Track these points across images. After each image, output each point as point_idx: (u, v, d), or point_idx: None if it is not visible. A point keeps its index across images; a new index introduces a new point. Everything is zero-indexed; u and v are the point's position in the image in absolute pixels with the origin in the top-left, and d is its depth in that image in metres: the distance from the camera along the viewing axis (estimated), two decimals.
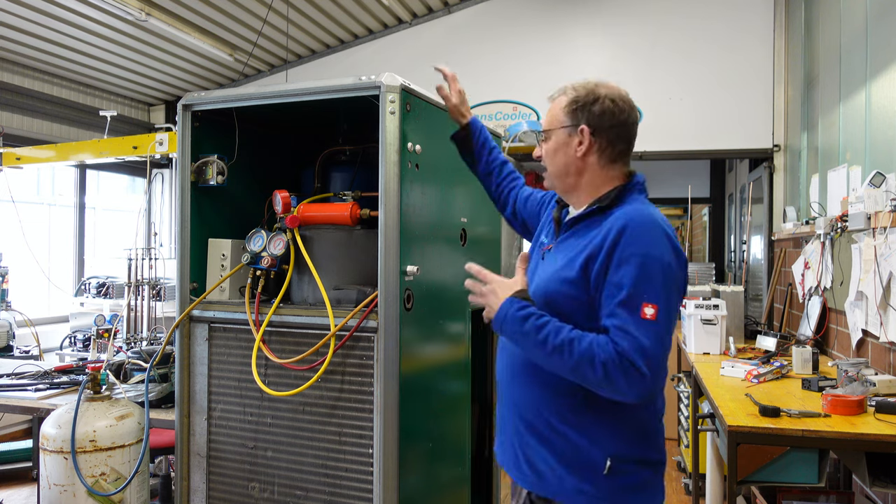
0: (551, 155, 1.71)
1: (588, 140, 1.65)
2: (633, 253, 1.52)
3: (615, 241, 1.54)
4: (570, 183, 1.70)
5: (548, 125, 1.72)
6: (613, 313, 1.51)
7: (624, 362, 1.46)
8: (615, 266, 1.53)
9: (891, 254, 2.88)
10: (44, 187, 6.40)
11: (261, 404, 2.23)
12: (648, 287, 1.50)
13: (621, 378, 1.47)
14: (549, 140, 1.71)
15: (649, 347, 1.47)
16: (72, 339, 5.07)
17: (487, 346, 2.84)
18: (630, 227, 1.54)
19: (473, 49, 6.68)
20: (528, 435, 1.66)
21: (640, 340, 1.47)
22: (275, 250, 2.26)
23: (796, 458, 2.35)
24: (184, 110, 2.34)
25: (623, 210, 1.60)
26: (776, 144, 5.85)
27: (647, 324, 1.48)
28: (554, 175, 1.72)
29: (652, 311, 1.49)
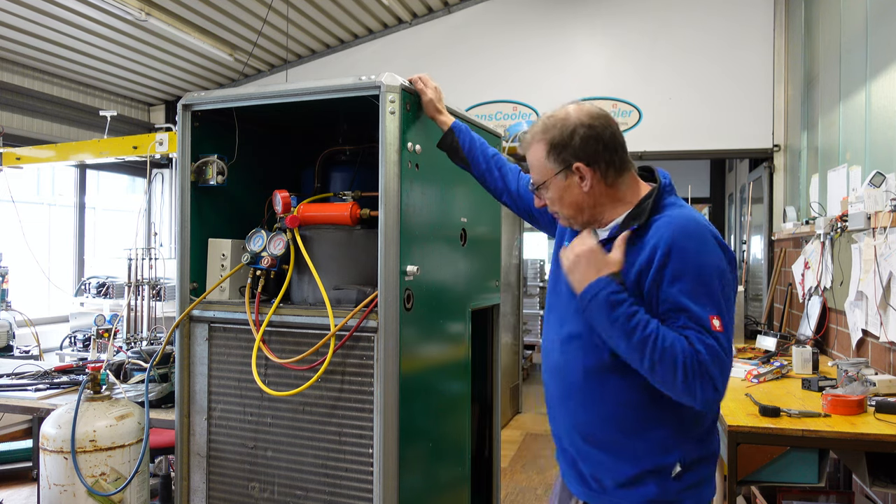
0: (558, 201, 1.66)
1: (588, 173, 1.61)
2: (687, 267, 1.51)
3: (666, 254, 1.52)
4: (588, 216, 1.67)
5: (539, 178, 1.66)
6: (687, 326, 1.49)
7: (704, 371, 1.46)
8: (669, 281, 1.51)
9: (891, 254, 2.88)
10: (44, 187, 6.40)
11: (261, 404, 2.23)
12: (707, 300, 1.50)
13: (698, 387, 1.47)
14: (549, 189, 1.66)
15: (725, 360, 1.48)
16: (72, 339, 5.07)
17: (487, 346, 2.84)
18: (677, 238, 1.52)
19: (473, 49, 6.68)
20: (592, 450, 1.65)
21: (715, 350, 1.47)
22: (275, 250, 2.26)
23: (796, 458, 2.35)
24: (184, 110, 2.34)
25: (664, 219, 1.58)
26: (776, 144, 5.85)
27: (717, 335, 1.48)
28: (570, 217, 1.68)
29: (717, 322, 1.49)
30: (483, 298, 2.63)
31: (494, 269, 2.78)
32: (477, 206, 2.58)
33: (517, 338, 6.53)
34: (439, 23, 6.84)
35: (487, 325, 2.83)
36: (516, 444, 5.49)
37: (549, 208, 1.70)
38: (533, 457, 5.20)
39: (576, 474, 1.71)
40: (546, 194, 1.67)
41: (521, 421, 6.26)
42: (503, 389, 5.86)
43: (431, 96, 2.11)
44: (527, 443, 5.56)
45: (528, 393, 7.25)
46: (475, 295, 2.56)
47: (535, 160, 1.66)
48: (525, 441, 5.61)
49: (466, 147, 2.10)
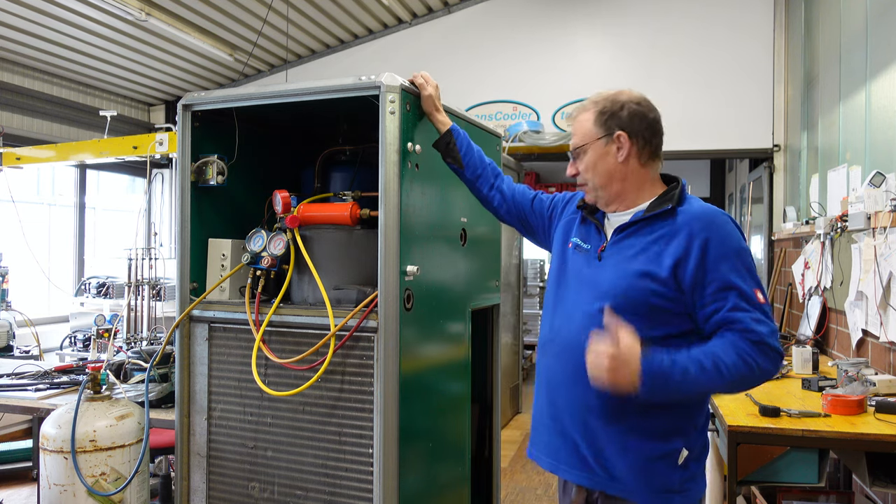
0: (592, 167, 1.74)
1: (627, 144, 1.71)
2: (727, 252, 1.62)
3: (705, 242, 1.62)
4: (616, 190, 1.74)
5: (581, 140, 1.76)
6: (738, 306, 1.59)
7: (763, 348, 1.58)
8: (713, 266, 1.61)
9: (891, 254, 2.88)
10: (44, 187, 6.40)
11: (261, 404, 2.23)
12: (749, 276, 1.62)
13: (767, 362, 1.59)
14: (586, 154, 1.75)
15: (774, 326, 1.62)
16: (72, 339, 5.07)
17: (487, 346, 2.84)
18: (714, 226, 1.64)
19: (473, 49, 6.68)
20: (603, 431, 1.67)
21: (767, 324, 1.60)
22: (275, 250, 2.26)
23: (796, 458, 2.36)
24: (184, 110, 2.34)
25: (693, 210, 1.68)
26: (776, 144, 5.85)
27: (764, 307, 1.61)
28: (599, 186, 1.75)
29: (761, 295, 1.62)
30: (483, 298, 2.63)
31: (494, 269, 2.78)
32: (477, 206, 2.58)
33: (517, 338, 6.53)
34: (439, 23, 6.84)
35: (487, 325, 2.83)
36: (516, 444, 5.49)
37: (580, 178, 1.77)
38: None
39: (577, 460, 1.71)
40: (583, 159, 1.75)
41: (521, 421, 6.26)
42: (503, 389, 5.86)
43: (431, 92, 2.10)
44: (527, 443, 5.56)
45: (528, 393, 7.24)
46: (475, 295, 2.56)
47: (580, 126, 1.76)
48: (525, 441, 5.60)
49: (463, 149, 2.11)
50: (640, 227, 1.71)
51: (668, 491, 1.64)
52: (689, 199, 1.73)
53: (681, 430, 1.66)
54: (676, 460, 1.65)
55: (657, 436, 1.65)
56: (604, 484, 1.68)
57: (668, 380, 1.55)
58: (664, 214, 1.68)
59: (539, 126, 6.25)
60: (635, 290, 1.64)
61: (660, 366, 1.55)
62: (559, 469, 1.76)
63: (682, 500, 1.66)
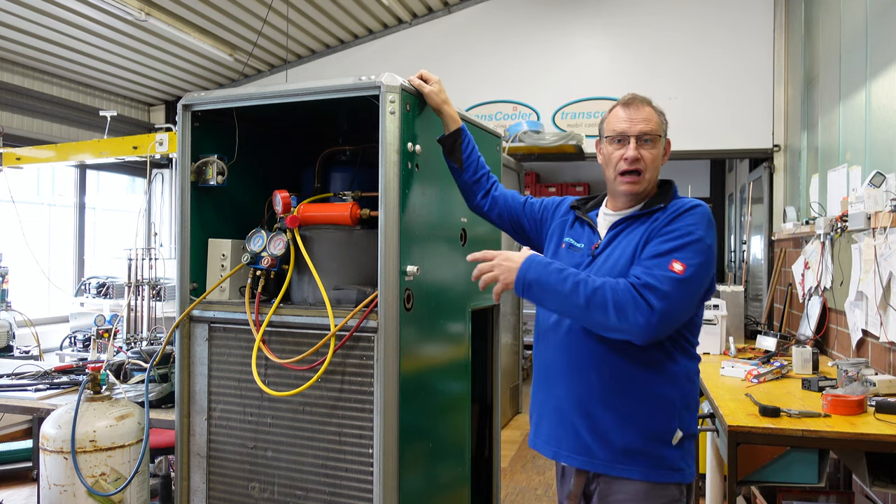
0: (653, 161, 1.83)
1: (668, 151, 1.90)
2: (685, 230, 1.71)
3: (675, 215, 1.75)
4: (652, 188, 1.87)
5: (657, 130, 1.83)
6: (641, 264, 1.70)
7: (634, 294, 1.64)
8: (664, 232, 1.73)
9: (891, 254, 2.88)
10: (44, 187, 6.40)
11: (261, 404, 2.23)
12: (685, 254, 1.68)
13: (630, 307, 1.63)
14: (655, 146, 1.83)
15: (664, 290, 1.63)
16: (72, 339, 5.07)
17: (487, 346, 2.84)
18: (693, 211, 1.76)
19: (473, 49, 6.68)
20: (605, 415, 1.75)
21: (657, 284, 1.64)
22: (275, 250, 2.26)
23: (796, 458, 2.35)
24: (184, 110, 2.34)
25: (679, 203, 1.81)
26: (776, 144, 5.85)
27: (671, 275, 1.65)
28: (650, 182, 1.84)
29: (680, 266, 1.66)
30: (483, 298, 2.63)
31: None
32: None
33: (517, 338, 6.53)
34: (439, 23, 6.84)
35: (487, 325, 2.83)
36: (516, 444, 5.49)
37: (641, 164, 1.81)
38: (533, 457, 5.20)
39: (578, 445, 1.79)
40: (651, 149, 1.82)
41: (521, 421, 6.26)
42: (503, 389, 5.86)
43: (431, 89, 2.11)
44: (527, 443, 5.56)
45: (528, 393, 7.24)
46: (475, 295, 2.55)
47: (652, 116, 1.84)
48: (525, 441, 5.60)
49: (468, 151, 2.15)
50: (632, 223, 1.83)
51: (667, 468, 1.75)
52: (679, 197, 1.85)
53: (674, 412, 1.76)
54: (671, 440, 1.75)
55: (654, 417, 1.74)
56: (605, 466, 1.76)
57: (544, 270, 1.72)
58: (656, 211, 1.81)
59: (539, 126, 6.25)
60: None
61: (542, 258, 1.77)
62: (560, 455, 1.84)
63: (679, 477, 1.76)
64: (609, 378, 1.75)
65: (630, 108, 1.84)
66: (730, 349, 3.90)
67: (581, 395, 1.78)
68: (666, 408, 1.75)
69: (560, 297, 1.70)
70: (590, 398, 1.77)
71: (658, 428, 1.74)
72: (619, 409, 1.75)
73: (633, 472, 1.74)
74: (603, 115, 1.95)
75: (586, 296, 1.66)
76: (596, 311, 1.66)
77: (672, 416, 1.76)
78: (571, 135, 6.12)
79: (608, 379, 1.75)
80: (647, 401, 1.74)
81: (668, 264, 1.66)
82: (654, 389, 1.74)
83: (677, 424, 1.76)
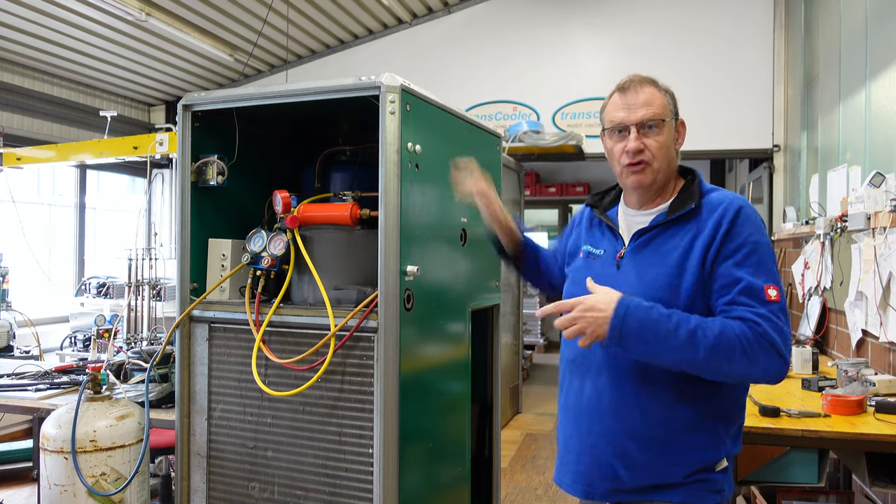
0: (665, 147, 1.62)
1: (684, 133, 1.68)
2: (748, 239, 1.53)
3: (732, 222, 1.54)
4: (667, 176, 1.66)
5: (661, 113, 1.61)
6: (738, 301, 1.50)
7: (764, 342, 1.46)
8: (732, 250, 1.53)
9: (891, 254, 2.88)
10: (44, 187, 6.40)
11: (261, 404, 2.23)
12: (766, 271, 1.52)
13: (763, 356, 1.46)
14: (662, 131, 1.61)
15: (783, 328, 1.48)
16: (72, 339, 5.07)
17: (487, 346, 2.84)
18: (744, 211, 1.56)
19: (473, 49, 6.69)
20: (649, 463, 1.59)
21: (775, 322, 1.47)
22: (275, 250, 2.26)
23: (796, 458, 2.35)
24: (184, 110, 2.34)
25: (721, 195, 1.61)
26: (776, 144, 5.86)
27: (775, 305, 1.49)
28: (662, 170, 1.63)
29: (775, 292, 1.50)
30: (483, 298, 2.63)
31: (494, 269, 2.78)
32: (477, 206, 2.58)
33: (517, 338, 6.53)
34: (439, 23, 6.84)
35: (487, 325, 2.83)
36: (516, 444, 5.49)
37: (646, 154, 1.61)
38: (533, 457, 5.20)
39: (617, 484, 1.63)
40: (656, 135, 1.61)
41: (521, 421, 6.26)
42: (503, 389, 5.86)
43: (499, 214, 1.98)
44: (527, 443, 5.56)
45: (528, 393, 7.25)
46: (475, 295, 2.56)
47: (654, 97, 1.62)
48: (525, 441, 5.61)
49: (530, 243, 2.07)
50: (663, 230, 1.62)
51: (707, 492, 1.61)
52: (706, 189, 1.66)
53: (721, 443, 1.62)
54: (714, 468, 1.61)
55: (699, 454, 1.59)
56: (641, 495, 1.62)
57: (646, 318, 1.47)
58: (689, 215, 1.60)
59: (539, 126, 6.25)
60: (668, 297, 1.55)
61: (638, 303, 1.49)
62: (593, 494, 1.67)
63: (719, 498, 1.63)
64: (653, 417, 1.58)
65: (628, 92, 1.63)
66: None
67: (622, 436, 1.61)
68: (711, 442, 1.60)
69: (670, 349, 1.47)
70: (631, 440, 1.60)
71: (703, 461, 1.60)
72: (663, 458, 1.59)
73: (673, 496, 1.60)
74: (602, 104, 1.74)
75: (706, 347, 1.45)
76: (721, 362, 1.47)
77: (718, 448, 1.61)
78: (571, 135, 6.13)
79: (652, 418, 1.58)
80: (693, 436, 1.58)
81: (766, 294, 1.49)
82: (701, 423, 1.59)
83: (723, 454, 1.62)
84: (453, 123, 2.37)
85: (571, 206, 10.91)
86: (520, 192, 6.57)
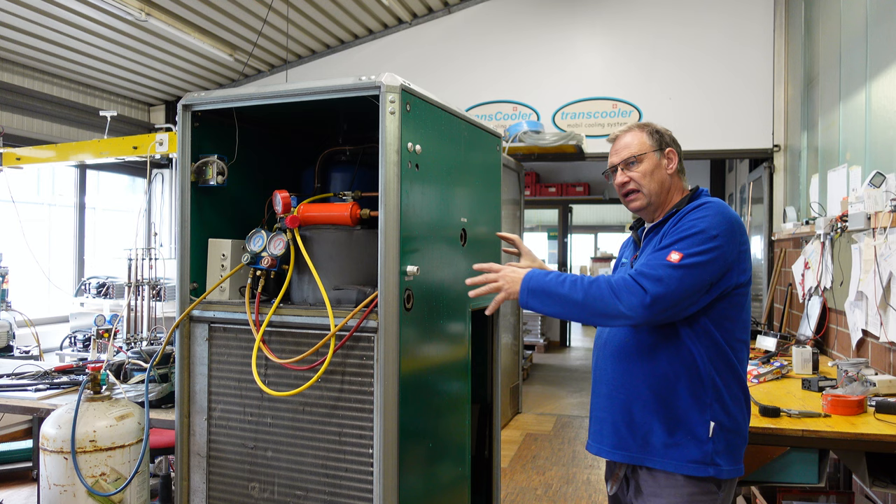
0: (649, 175, 2.01)
1: (675, 158, 2.03)
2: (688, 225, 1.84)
3: (683, 215, 1.90)
4: (664, 198, 2.02)
5: (638, 150, 2.01)
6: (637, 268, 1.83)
7: (629, 281, 1.78)
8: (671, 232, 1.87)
9: (891, 254, 2.88)
10: (44, 187, 6.40)
11: (261, 404, 2.23)
12: (683, 244, 1.80)
13: (625, 293, 1.77)
14: (642, 163, 2.01)
15: (656, 274, 1.76)
16: (72, 339, 5.07)
17: (487, 346, 2.84)
18: (702, 207, 1.89)
19: (473, 49, 6.69)
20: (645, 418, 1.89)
21: (649, 271, 1.78)
22: (275, 250, 2.26)
23: (796, 458, 2.35)
24: (184, 110, 2.34)
25: (699, 202, 1.95)
26: (776, 144, 5.86)
27: (665, 262, 1.78)
28: (653, 193, 2.01)
29: (676, 255, 1.78)
30: (483, 298, 2.63)
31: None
32: (477, 206, 2.58)
33: (517, 338, 6.53)
34: (439, 23, 6.84)
35: (487, 325, 2.83)
36: (516, 444, 5.49)
37: (633, 184, 2.01)
38: (533, 457, 5.20)
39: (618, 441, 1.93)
40: (638, 168, 2.00)
41: (521, 421, 6.26)
42: (503, 389, 5.86)
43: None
44: (527, 443, 5.56)
45: (528, 393, 7.25)
46: None
47: (633, 139, 2.03)
48: (525, 441, 5.61)
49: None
50: (656, 230, 1.98)
51: (701, 462, 1.83)
52: (703, 198, 1.98)
53: (709, 407, 1.84)
54: (707, 433, 1.83)
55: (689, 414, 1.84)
56: (642, 459, 1.90)
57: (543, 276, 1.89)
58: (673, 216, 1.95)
59: (539, 126, 6.25)
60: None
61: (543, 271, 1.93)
62: (602, 451, 1.99)
63: (714, 472, 1.83)
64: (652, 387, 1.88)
65: (615, 142, 2.07)
66: None
67: (625, 398, 1.93)
68: (700, 404, 1.85)
69: (560, 298, 1.85)
70: (632, 402, 1.91)
71: (692, 424, 1.84)
72: (657, 414, 1.87)
73: (667, 464, 1.86)
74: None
75: (584, 290, 1.81)
76: (594, 302, 1.80)
77: (706, 411, 1.84)
78: (571, 135, 6.13)
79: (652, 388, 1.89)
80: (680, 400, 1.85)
81: (666, 256, 1.79)
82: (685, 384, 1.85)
83: (710, 417, 1.84)
84: (453, 123, 2.37)
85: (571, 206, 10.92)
86: (520, 192, 6.57)
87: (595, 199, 10.27)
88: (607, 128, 6.27)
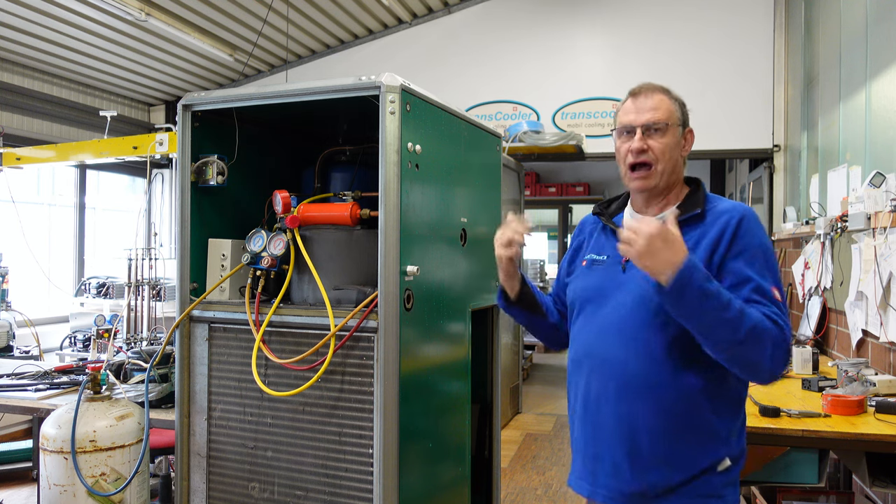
0: (668, 150, 1.69)
1: (692, 140, 1.78)
2: (754, 241, 1.59)
3: (738, 224, 1.60)
4: (671, 180, 1.73)
5: (665, 117, 1.69)
6: (753, 299, 1.53)
7: (783, 339, 1.51)
8: (740, 249, 1.58)
9: (891, 254, 2.88)
10: (44, 187, 6.40)
11: (261, 404, 2.23)
12: (771, 274, 1.58)
13: (780, 353, 1.50)
14: (666, 135, 1.69)
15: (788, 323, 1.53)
16: (72, 339, 5.07)
17: (487, 346, 2.84)
18: (751, 216, 1.63)
19: (473, 49, 6.68)
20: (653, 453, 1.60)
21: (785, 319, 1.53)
22: (275, 250, 2.26)
23: (796, 458, 2.35)
24: (184, 110, 2.34)
25: (721, 206, 1.67)
26: (776, 144, 5.85)
27: (781, 305, 1.54)
28: (667, 172, 1.70)
29: (778, 294, 1.56)
30: (483, 298, 2.63)
31: (494, 269, 2.76)
32: (477, 206, 2.58)
33: (517, 338, 6.52)
34: (439, 23, 6.84)
35: (487, 325, 2.83)
36: (516, 444, 5.49)
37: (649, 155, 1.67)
38: (533, 457, 5.20)
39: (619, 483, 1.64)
40: (661, 138, 1.68)
41: (521, 421, 6.26)
42: (503, 389, 5.86)
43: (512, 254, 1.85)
44: (527, 443, 5.56)
45: (528, 393, 7.25)
46: (475, 295, 2.55)
47: (662, 103, 1.71)
48: (525, 441, 5.61)
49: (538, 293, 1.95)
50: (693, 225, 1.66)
51: (707, 496, 1.61)
52: (711, 198, 1.72)
53: (723, 440, 1.63)
54: (717, 468, 1.62)
55: (702, 449, 1.61)
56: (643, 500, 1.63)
57: (704, 287, 1.45)
58: (694, 219, 1.65)
59: (539, 126, 6.25)
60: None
61: (702, 269, 1.47)
62: (596, 494, 1.68)
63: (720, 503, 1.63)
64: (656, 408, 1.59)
65: (639, 97, 1.72)
66: None
67: (627, 426, 1.62)
68: (714, 437, 1.61)
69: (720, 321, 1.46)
70: (636, 431, 1.61)
71: (706, 461, 1.61)
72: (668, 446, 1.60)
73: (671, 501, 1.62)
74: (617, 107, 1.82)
75: (747, 329, 1.46)
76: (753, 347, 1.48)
77: (721, 445, 1.62)
78: (571, 135, 6.12)
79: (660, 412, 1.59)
80: (696, 433, 1.60)
81: (772, 295, 1.54)
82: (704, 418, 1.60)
83: (725, 453, 1.63)
84: (453, 123, 2.37)
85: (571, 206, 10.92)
86: (520, 192, 6.57)
87: (595, 199, 10.27)
88: (607, 128, 6.26)
